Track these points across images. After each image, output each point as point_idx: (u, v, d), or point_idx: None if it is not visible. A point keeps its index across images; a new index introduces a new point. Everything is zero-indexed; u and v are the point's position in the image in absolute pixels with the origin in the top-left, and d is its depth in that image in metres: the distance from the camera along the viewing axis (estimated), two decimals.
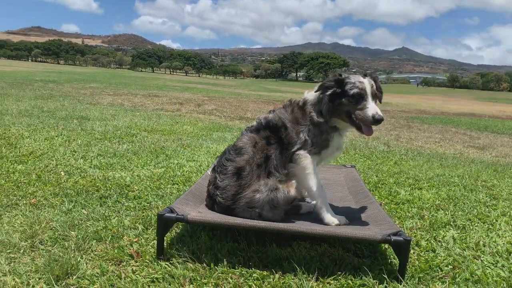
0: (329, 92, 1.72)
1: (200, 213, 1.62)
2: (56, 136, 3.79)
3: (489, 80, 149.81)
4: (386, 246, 1.54)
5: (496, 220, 2.16)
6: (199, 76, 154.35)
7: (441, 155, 4.69)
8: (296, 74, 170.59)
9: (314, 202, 1.78)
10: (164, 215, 1.45)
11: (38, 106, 6.26)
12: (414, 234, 1.87)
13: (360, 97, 1.68)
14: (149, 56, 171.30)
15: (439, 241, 1.81)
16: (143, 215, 1.92)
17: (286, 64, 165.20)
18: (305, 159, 1.74)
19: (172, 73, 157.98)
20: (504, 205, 2.52)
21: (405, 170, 3.39)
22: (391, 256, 1.58)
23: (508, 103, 40.37)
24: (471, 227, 2.02)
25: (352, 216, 1.77)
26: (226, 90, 22.29)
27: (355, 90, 1.68)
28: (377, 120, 1.68)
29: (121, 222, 1.81)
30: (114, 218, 1.88)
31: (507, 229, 2.03)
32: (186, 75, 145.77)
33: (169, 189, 2.38)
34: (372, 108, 1.70)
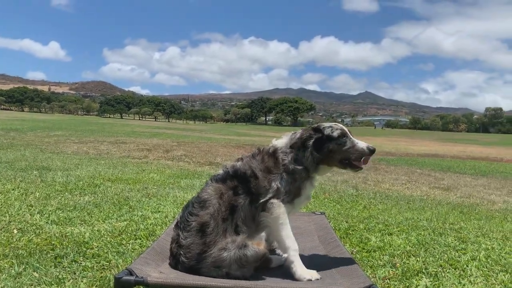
0: (313, 140, 1.69)
1: (162, 273, 1.51)
2: (13, 189, 3.57)
3: (448, 122, 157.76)
4: None
5: (467, 265, 2.14)
6: (168, 121, 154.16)
7: (409, 197, 4.75)
8: (265, 118, 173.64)
9: (285, 255, 1.70)
10: (122, 278, 1.34)
11: (7, 165, 5.95)
12: (387, 285, 1.81)
13: (344, 136, 1.70)
14: (117, 103, 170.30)
15: None
16: (101, 276, 1.77)
17: (255, 108, 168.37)
18: (279, 208, 1.67)
19: (141, 118, 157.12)
20: (473, 248, 2.52)
21: (374, 215, 3.39)
22: None
23: (467, 143, 42.34)
24: (443, 274, 1.99)
25: (324, 268, 1.70)
26: (196, 135, 22.25)
27: (338, 131, 1.70)
28: (371, 150, 1.71)
29: (76, 286, 1.67)
30: (69, 280, 1.72)
31: (478, 274, 2.02)
32: (155, 120, 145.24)
33: (131, 245, 2.24)
34: (360, 141, 1.72)
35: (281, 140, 1.79)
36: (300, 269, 1.62)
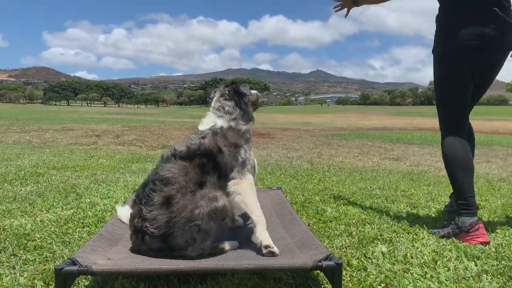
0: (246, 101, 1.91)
1: (110, 259, 1.41)
2: None
3: (395, 96, 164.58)
4: (318, 271, 1.45)
5: (419, 230, 2.20)
6: (119, 106, 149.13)
7: (361, 168, 4.86)
8: None
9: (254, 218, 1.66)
10: (63, 269, 1.22)
11: None
12: (344, 254, 1.82)
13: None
14: (63, 89, 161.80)
15: (369, 257, 1.77)
16: (43, 269, 1.63)
17: (209, 90, 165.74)
18: (249, 176, 1.74)
19: (89, 105, 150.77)
20: (423, 213, 2.61)
21: (329, 187, 3.42)
22: (324, 281, 1.49)
23: (413, 116, 44.43)
24: (397, 239, 2.03)
25: (281, 242, 1.67)
26: (148, 119, 21.61)
27: (247, 86, 2.02)
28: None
29: (15, 281, 1.53)
30: (7, 276, 1.57)
31: (430, 237, 2.08)
32: (104, 106, 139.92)
33: (78, 234, 2.10)
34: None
35: (222, 117, 1.82)
36: (266, 234, 1.59)
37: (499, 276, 1.57)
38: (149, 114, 35.05)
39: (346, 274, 1.57)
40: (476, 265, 1.67)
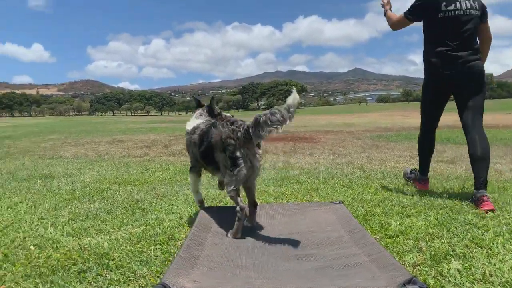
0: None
1: (196, 282, 1.48)
2: (20, 202, 3.51)
3: None
4: None
5: (493, 243, 2.13)
6: (161, 114, 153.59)
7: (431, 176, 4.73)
8: (258, 103, 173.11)
9: None
10: None
11: (9, 176, 5.86)
12: (418, 272, 1.79)
13: None
14: (108, 100, 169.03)
15: (445, 276, 1.74)
16: None
17: (247, 94, 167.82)
18: None
19: (133, 114, 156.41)
20: (493, 224, 2.51)
21: (388, 197, 3.37)
22: None
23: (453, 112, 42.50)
24: (471, 255, 1.98)
25: (356, 259, 1.68)
26: None
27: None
28: None
29: None
30: None
31: (506, 251, 2.01)
32: (147, 114, 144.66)
33: (152, 252, 2.21)
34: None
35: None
36: None
37: None
38: None
39: None
40: None
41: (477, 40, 3.18)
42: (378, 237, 2.31)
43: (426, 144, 3.70)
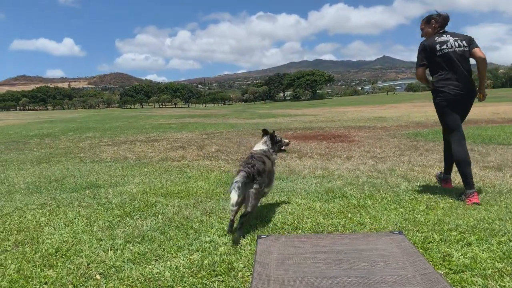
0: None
1: None
2: (75, 218, 3.63)
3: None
4: None
5: None
6: (188, 106, 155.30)
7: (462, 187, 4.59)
8: (284, 94, 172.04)
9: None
10: None
11: (44, 175, 6.10)
12: None
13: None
14: (136, 93, 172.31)
15: None
16: None
17: (273, 85, 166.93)
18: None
19: (161, 106, 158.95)
20: None
21: (442, 218, 3.27)
22: None
23: (497, 101, 40.73)
24: None
25: None
26: (220, 122, 22.27)
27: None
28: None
29: None
30: None
31: None
32: (175, 107, 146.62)
33: (215, 285, 2.23)
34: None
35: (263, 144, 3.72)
36: None
37: None
38: (219, 115, 36.02)
39: None
40: None
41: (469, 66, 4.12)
42: (442, 273, 2.26)
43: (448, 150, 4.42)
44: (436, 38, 4.04)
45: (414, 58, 4.28)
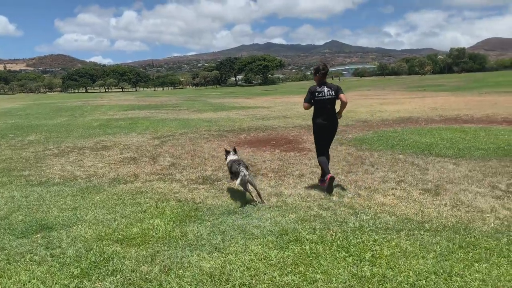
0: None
1: None
2: (29, 282, 3.57)
3: (413, 65, 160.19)
4: None
5: None
6: (136, 90, 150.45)
7: (417, 223, 4.98)
8: (236, 79, 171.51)
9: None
10: None
11: (3, 225, 5.80)
12: None
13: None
14: (80, 76, 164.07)
15: None
16: None
17: (224, 70, 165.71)
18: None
19: (107, 90, 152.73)
20: None
21: (386, 273, 3.58)
22: None
23: (436, 91, 43.19)
24: None
25: None
26: (171, 117, 21.92)
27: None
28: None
29: None
30: None
31: None
32: (122, 91, 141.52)
33: None
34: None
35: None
36: None
37: None
38: (169, 105, 35.33)
39: None
40: None
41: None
42: None
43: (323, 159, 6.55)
44: (316, 87, 6.24)
45: (360, 42, 4.72)
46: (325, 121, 6.24)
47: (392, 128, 14.39)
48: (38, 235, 4.76)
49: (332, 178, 6.08)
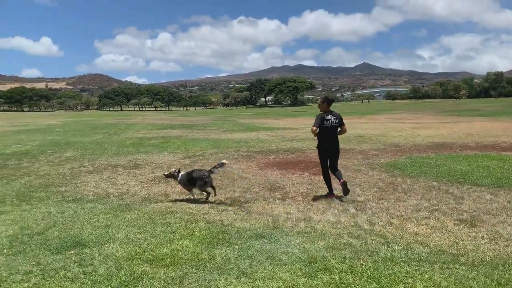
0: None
1: None
2: None
3: (448, 89, 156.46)
4: None
5: None
6: (169, 109, 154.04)
7: (452, 255, 4.80)
8: (265, 100, 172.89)
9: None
10: None
11: (26, 226, 6.02)
12: None
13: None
14: (116, 95, 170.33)
15: None
16: None
17: (254, 91, 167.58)
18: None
19: (141, 109, 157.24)
20: None
21: None
22: None
23: (471, 115, 41.77)
24: None
25: None
26: (202, 137, 22.25)
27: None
28: None
29: None
30: None
31: None
32: (155, 110, 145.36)
33: None
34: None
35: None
36: None
37: None
38: (200, 125, 35.93)
39: None
40: None
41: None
42: None
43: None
44: (325, 115, 7.21)
45: (392, 65, 4.61)
46: (331, 145, 7.34)
47: (425, 153, 14.01)
48: (72, 252, 4.90)
49: (344, 183, 7.28)
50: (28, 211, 6.93)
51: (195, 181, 7.30)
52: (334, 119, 7.19)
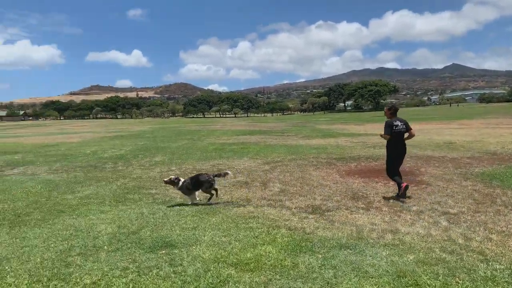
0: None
1: None
2: None
3: None
4: None
5: None
6: (247, 116, 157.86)
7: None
8: (344, 104, 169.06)
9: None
10: None
11: (122, 225, 6.53)
12: None
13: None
14: (199, 103, 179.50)
15: None
16: None
17: (333, 96, 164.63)
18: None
19: (222, 116, 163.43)
20: None
21: None
22: None
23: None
24: None
25: None
26: (280, 143, 22.35)
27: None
28: None
29: None
30: None
31: None
32: (235, 116, 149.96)
33: None
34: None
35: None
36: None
37: None
38: (278, 131, 36.17)
39: None
40: None
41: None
42: None
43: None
44: (393, 121, 7.90)
45: (486, 65, 4.20)
46: (400, 149, 8.00)
47: None
48: (163, 251, 5.20)
49: (407, 186, 7.84)
50: (123, 211, 7.52)
51: (202, 183, 7.81)
52: (402, 124, 7.88)
